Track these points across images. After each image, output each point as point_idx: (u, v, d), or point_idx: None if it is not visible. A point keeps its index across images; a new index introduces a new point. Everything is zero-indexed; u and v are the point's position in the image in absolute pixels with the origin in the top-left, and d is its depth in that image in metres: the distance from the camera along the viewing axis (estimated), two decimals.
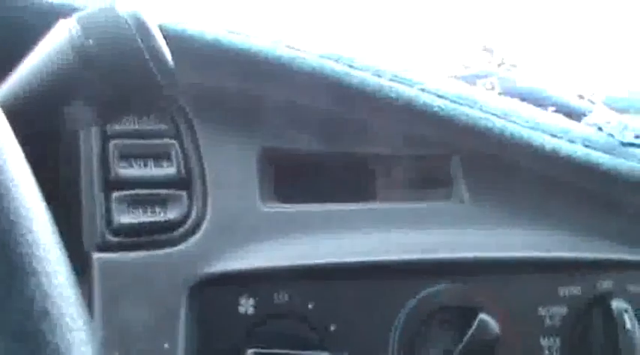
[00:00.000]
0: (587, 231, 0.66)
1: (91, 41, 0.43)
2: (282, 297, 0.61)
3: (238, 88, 0.63)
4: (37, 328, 0.27)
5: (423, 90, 0.63)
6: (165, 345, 0.57)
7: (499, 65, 0.85)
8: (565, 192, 0.66)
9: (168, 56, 0.45)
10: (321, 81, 0.61)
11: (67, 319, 0.28)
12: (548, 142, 0.65)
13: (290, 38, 0.62)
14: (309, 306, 0.62)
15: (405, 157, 0.66)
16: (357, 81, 0.61)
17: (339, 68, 0.61)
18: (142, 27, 0.44)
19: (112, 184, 0.59)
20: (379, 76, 0.62)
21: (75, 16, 0.44)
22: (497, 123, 0.64)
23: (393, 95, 0.62)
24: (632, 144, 0.66)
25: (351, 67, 0.62)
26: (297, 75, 0.60)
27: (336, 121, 0.64)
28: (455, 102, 0.63)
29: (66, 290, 0.29)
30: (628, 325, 0.64)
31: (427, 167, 0.66)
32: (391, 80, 0.62)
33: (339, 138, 0.65)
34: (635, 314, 0.66)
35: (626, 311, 0.65)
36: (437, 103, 0.63)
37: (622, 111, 0.73)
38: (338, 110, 0.64)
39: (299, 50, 0.61)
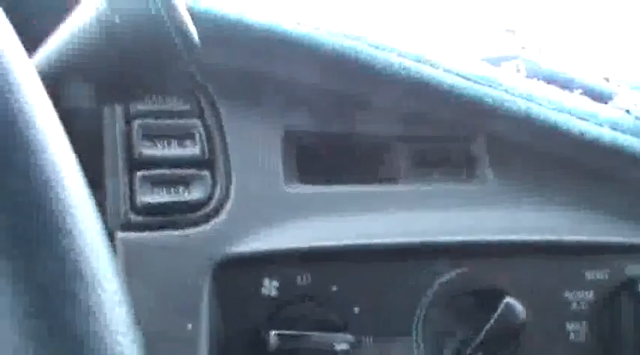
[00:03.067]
0: (615, 214, 0.65)
1: (117, 17, 0.43)
2: (304, 279, 0.61)
3: (263, 69, 0.62)
4: (68, 286, 0.27)
5: (447, 71, 0.62)
6: (189, 326, 0.57)
7: (523, 48, 0.83)
8: (592, 176, 0.65)
9: (194, 32, 0.45)
10: (346, 62, 0.60)
11: (100, 278, 0.28)
12: (575, 125, 0.64)
13: (314, 18, 0.62)
14: (333, 289, 0.61)
15: (429, 138, 0.65)
16: (382, 63, 0.61)
17: (364, 50, 0.60)
18: (168, 3, 0.43)
19: (135, 164, 0.58)
20: (403, 57, 0.61)
21: None
22: (523, 106, 0.63)
23: (417, 76, 0.62)
24: None
25: (375, 48, 0.61)
26: (323, 56, 0.60)
27: (359, 103, 0.63)
28: (480, 83, 0.62)
29: (99, 249, 0.29)
30: None
31: (451, 148, 0.66)
32: (416, 61, 0.62)
33: (362, 121, 0.64)
34: None
35: None
36: (462, 85, 0.62)
37: None
38: (361, 92, 0.63)
39: (324, 31, 0.61)
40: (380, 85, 0.63)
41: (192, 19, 0.46)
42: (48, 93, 0.34)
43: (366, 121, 0.64)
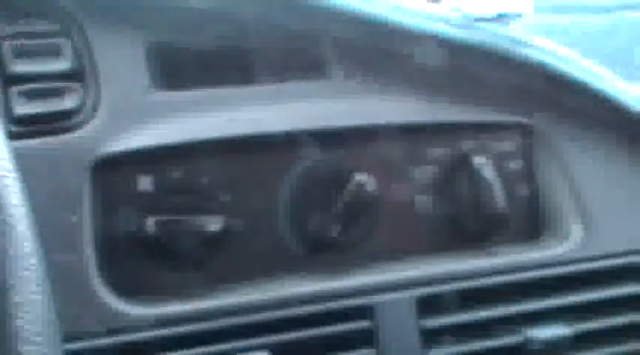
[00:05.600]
0: (449, 97, 0.74)
1: None
2: (177, 174, 0.68)
3: None
4: None
5: None
6: (73, 218, 0.63)
7: None
8: (427, 66, 0.73)
9: None
10: None
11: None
12: (410, 22, 0.72)
13: None
14: (204, 180, 0.69)
15: (282, 44, 0.73)
16: None
17: None
18: None
19: (9, 79, 0.64)
20: None
21: None
22: (365, 9, 0.71)
23: None
24: (482, 19, 0.74)
25: None
26: None
27: (217, 17, 0.70)
28: None
29: None
30: (488, 177, 0.73)
31: (302, 52, 0.73)
32: None
33: (222, 32, 0.71)
34: (496, 169, 0.74)
35: (486, 165, 0.73)
36: None
37: None
38: (219, 6, 0.70)
39: None
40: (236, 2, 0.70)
41: None
42: None
43: (225, 34, 0.71)
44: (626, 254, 0.75)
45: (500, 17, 0.74)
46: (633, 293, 0.75)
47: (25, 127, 0.64)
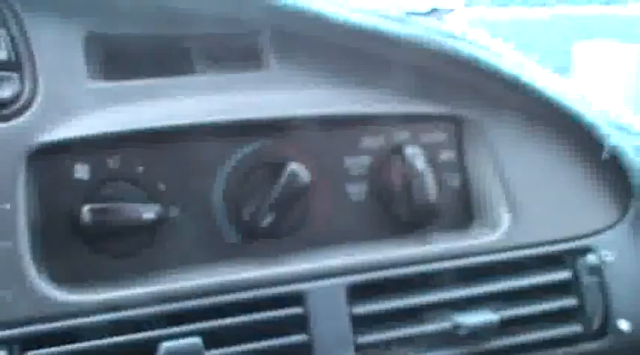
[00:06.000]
0: (383, 89, 0.76)
1: None
2: (114, 163, 0.69)
3: None
4: None
5: None
6: (7, 206, 0.64)
7: None
8: (360, 57, 0.75)
9: None
10: None
11: None
12: (345, 14, 0.74)
13: None
14: (139, 169, 0.70)
15: (219, 35, 0.74)
16: None
17: None
18: None
19: None
20: None
21: None
22: (302, 1, 0.73)
23: None
24: (415, 13, 0.76)
25: None
26: None
27: (154, 7, 0.71)
28: None
29: None
30: (419, 167, 0.75)
31: (238, 42, 0.75)
32: None
33: (159, 22, 0.72)
34: (428, 160, 0.76)
35: (418, 156, 0.76)
36: None
37: None
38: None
39: None
40: None
41: None
42: None
43: (164, 24, 0.72)
44: (550, 243, 0.77)
45: (433, 12, 0.76)
46: (557, 280, 0.77)
47: None
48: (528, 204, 0.78)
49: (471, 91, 0.78)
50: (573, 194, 0.80)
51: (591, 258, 0.78)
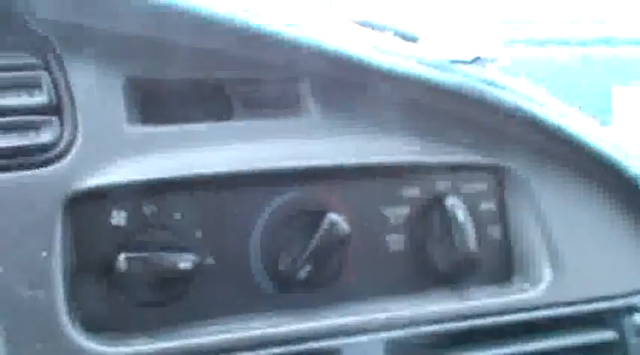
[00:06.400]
0: (424, 137, 0.74)
1: None
2: (150, 209, 0.68)
3: (104, 25, 0.69)
4: None
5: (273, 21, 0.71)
6: (44, 253, 0.64)
7: None
8: (403, 104, 0.74)
9: None
10: (174, 15, 0.68)
11: None
12: (386, 61, 0.73)
13: None
14: (176, 216, 0.69)
15: (259, 80, 0.73)
16: (208, 14, 0.69)
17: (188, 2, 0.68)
18: None
19: None
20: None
21: None
22: (343, 47, 0.72)
23: (243, 26, 0.70)
24: (458, 61, 0.75)
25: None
26: (152, 10, 0.67)
27: (194, 51, 0.71)
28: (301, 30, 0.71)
29: None
30: (460, 218, 0.74)
31: (278, 89, 0.74)
32: (244, 11, 0.70)
33: (199, 67, 0.72)
34: (469, 211, 0.75)
35: (459, 207, 0.74)
36: (285, 31, 0.71)
37: None
38: (196, 41, 0.71)
39: None
40: (211, 35, 0.70)
41: None
42: None
43: (202, 68, 0.72)
44: (594, 300, 0.75)
45: (477, 60, 0.75)
46: (602, 340, 0.75)
47: (0, 160, 0.65)
48: (571, 259, 0.76)
49: (514, 141, 0.76)
50: (618, 249, 0.77)
51: (638, 318, 0.75)
